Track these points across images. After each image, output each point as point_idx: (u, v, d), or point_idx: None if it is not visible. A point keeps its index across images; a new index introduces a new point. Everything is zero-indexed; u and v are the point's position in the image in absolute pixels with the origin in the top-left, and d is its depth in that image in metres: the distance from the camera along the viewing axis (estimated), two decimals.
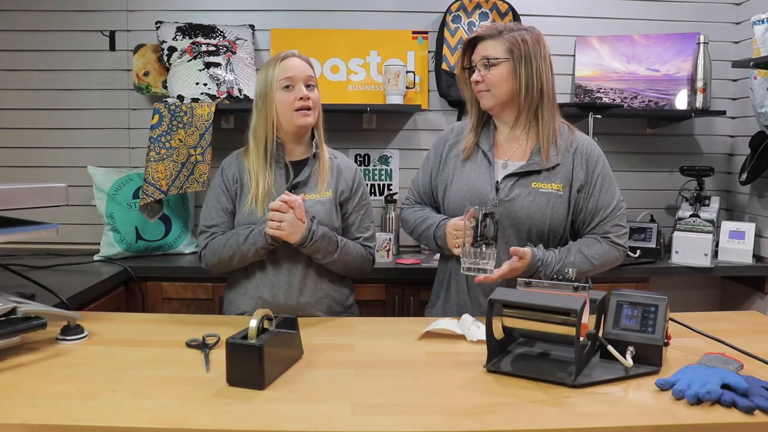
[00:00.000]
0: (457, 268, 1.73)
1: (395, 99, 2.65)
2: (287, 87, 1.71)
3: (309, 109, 1.72)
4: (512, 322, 1.30)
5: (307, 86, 1.73)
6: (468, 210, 1.53)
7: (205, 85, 2.56)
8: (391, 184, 2.83)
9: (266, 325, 1.26)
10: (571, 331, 1.20)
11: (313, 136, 1.81)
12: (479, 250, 1.52)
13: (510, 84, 1.66)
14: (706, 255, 2.49)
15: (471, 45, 1.72)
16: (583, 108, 2.57)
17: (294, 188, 1.75)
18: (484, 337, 1.30)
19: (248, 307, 1.74)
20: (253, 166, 1.75)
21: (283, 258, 1.73)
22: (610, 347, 1.26)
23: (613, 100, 2.76)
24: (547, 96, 1.68)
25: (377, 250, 2.45)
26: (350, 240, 1.80)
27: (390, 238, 2.52)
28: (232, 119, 2.76)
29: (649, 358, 1.26)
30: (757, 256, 2.60)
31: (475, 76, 1.68)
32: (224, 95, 2.57)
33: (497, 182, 1.70)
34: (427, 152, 1.89)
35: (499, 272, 1.56)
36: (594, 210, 1.69)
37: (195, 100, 2.52)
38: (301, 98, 1.70)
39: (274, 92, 1.71)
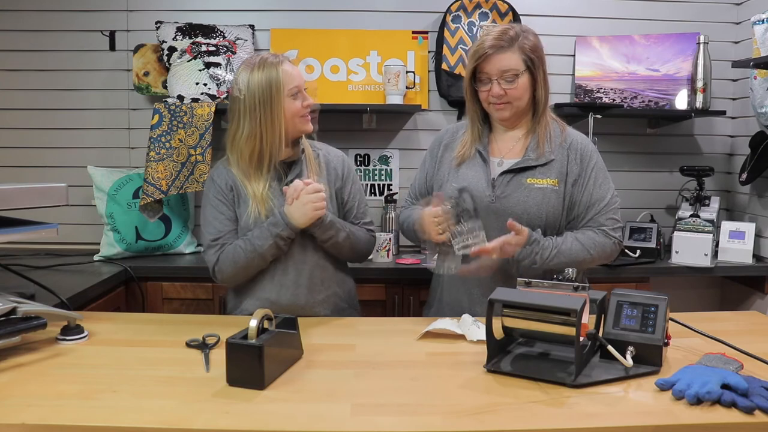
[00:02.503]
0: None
1: (395, 99, 2.65)
2: (295, 94, 1.70)
3: (310, 114, 1.74)
4: (512, 322, 1.30)
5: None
6: (434, 198, 1.54)
7: (205, 85, 2.56)
8: (391, 184, 2.83)
9: (266, 325, 1.26)
10: (571, 331, 1.20)
11: None
12: (465, 227, 1.52)
13: (529, 94, 1.68)
14: (706, 255, 2.48)
15: (481, 58, 1.66)
16: (583, 108, 2.57)
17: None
18: (484, 337, 1.30)
19: (254, 310, 1.72)
20: (245, 173, 1.71)
21: (291, 259, 1.72)
22: (610, 347, 1.26)
23: (613, 100, 2.76)
24: (547, 95, 1.71)
25: (377, 250, 2.46)
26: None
27: (390, 238, 2.52)
28: None
29: (649, 358, 1.26)
30: (757, 256, 2.60)
31: (497, 90, 1.65)
32: (224, 95, 2.57)
33: (493, 179, 1.70)
34: (424, 154, 1.90)
35: (493, 244, 1.56)
36: (588, 203, 1.69)
37: (195, 100, 2.52)
38: (307, 105, 1.72)
39: (282, 99, 1.67)
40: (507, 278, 1.65)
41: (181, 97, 2.53)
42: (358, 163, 2.82)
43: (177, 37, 2.62)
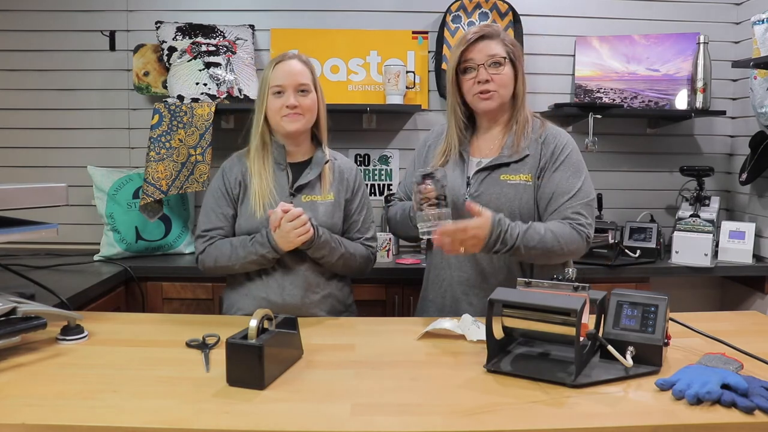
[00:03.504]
0: (432, 265, 1.81)
1: (395, 99, 2.65)
2: (278, 93, 1.72)
3: (299, 114, 1.72)
4: (512, 322, 1.30)
5: (301, 92, 1.73)
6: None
7: (205, 85, 2.56)
8: (391, 184, 2.83)
9: (266, 325, 1.26)
10: (571, 331, 1.20)
11: (313, 137, 1.82)
12: (430, 212, 1.51)
13: (512, 86, 1.71)
14: (706, 255, 2.48)
15: (468, 45, 1.70)
16: (583, 108, 2.57)
17: (298, 191, 1.75)
18: (484, 337, 1.30)
19: (250, 309, 1.73)
20: (255, 166, 1.75)
21: (288, 259, 1.72)
22: (610, 347, 1.26)
23: (613, 100, 2.76)
24: (525, 92, 1.74)
25: (377, 250, 2.46)
26: (352, 240, 1.81)
27: (390, 238, 2.52)
28: (232, 119, 2.76)
29: (649, 358, 1.26)
30: (757, 256, 2.60)
31: (484, 75, 1.67)
32: (224, 95, 2.57)
33: (468, 177, 1.71)
34: (412, 154, 1.94)
35: (451, 227, 1.52)
36: (552, 194, 1.66)
37: (195, 100, 2.52)
38: (287, 106, 1.70)
39: (266, 96, 1.73)
40: (483, 276, 1.69)
41: (181, 97, 2.53)
42: (358, 163, 2.82)
43: (177, 37, 2.61)
